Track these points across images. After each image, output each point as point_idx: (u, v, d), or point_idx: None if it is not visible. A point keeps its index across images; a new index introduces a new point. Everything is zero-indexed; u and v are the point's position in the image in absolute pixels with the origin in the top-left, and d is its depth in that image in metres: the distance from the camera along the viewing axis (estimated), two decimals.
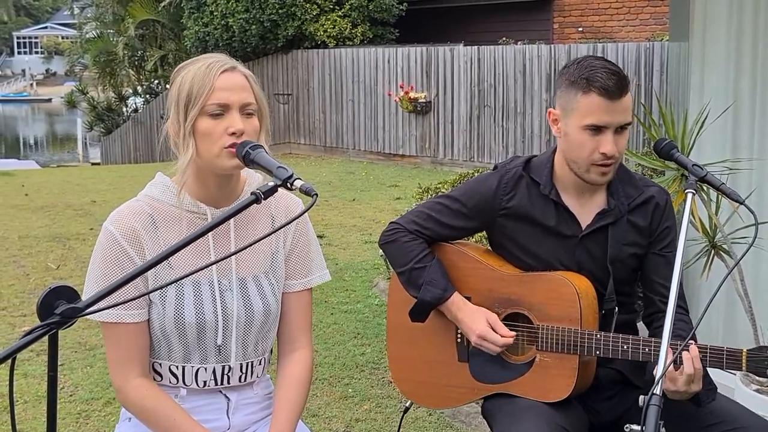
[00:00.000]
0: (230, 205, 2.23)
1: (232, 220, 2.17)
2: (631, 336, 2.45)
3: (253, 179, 2.31)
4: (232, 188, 2.26)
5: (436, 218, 2.70)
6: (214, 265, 2.22)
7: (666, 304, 2.11)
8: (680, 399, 2.34)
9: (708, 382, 2.41)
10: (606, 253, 2.58)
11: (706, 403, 2.41)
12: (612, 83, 2.41)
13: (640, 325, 2.74)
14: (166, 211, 2.22)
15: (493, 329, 2.58)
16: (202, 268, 1.75)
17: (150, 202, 2.23)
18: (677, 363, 2.29)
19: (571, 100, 2.47)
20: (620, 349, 2.44)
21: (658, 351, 2.36)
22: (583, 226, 2.59)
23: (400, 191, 12.01)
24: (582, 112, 2.44)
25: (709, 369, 2.39)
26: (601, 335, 2.47)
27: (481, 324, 2.58)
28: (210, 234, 2.14)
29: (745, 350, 2.32)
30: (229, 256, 1.78)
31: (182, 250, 1.73)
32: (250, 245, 1.77)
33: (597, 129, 2.44)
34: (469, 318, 2.60)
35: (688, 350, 2.30)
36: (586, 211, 2.60)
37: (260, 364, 2.35)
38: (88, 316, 1.72)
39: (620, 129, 2.46)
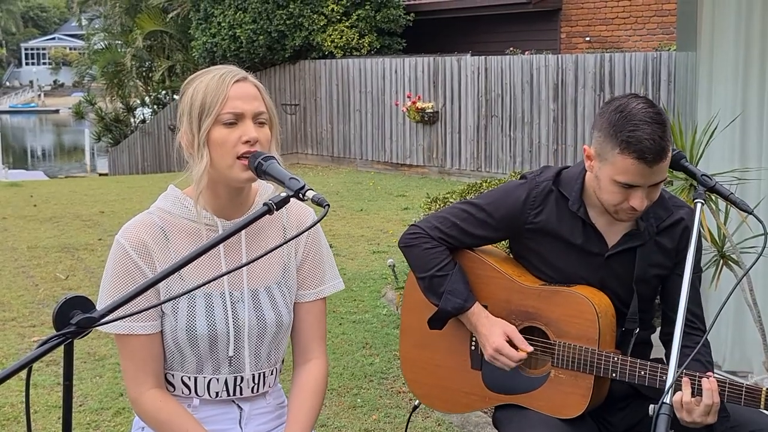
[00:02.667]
0: (241, 217, 2.24)
1: (243, 231, 2.18)
2: (649, 362, 2.44)
3: (264, 189, 2.31)
4: (244, 199, 2.27)
5: (460, 226, 2.66)
6: (226, 277, 2.23)
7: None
8: (693, 428, 2.33)
9: (722, 409, 2.38)
10: (631, 272, 2.55)
11: (718, 429, 2.38)
12: (652, 152, 2.30)
13: (654, 338, 2.73)
14: (178, 223, 2.23)
15: (510, 342, 2.56)
16: (213, 280, 1.76)
17: (161, 214, 2.24)
18: (695, 393, 2.30)
19: (607, 151, 2.38)
20: (637, 374, 2.43)
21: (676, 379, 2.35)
22: (610, 245, 2.56)
23: (407, 201, 12.01)
24: (616, 169, 2.36)
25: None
26: (618, 358, 2.45)
27: (498, 337, 2.56)
28: (221, 245, 2.15)
29: (764, 389, 2.30)
30: (241, 267, 1.79)
31: (194, 262, 1.74)
32: (262, 256, 1.78)
33: (629, 186, 2.38)
34: (488, 330, 2.58)
35: (708, 380, 2.30)
36: (613, 230, 2.56)
37: (272, 374, 2.36)
38: (100, 329, 1.74)
39: (654, 185, 2.40)
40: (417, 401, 2.93)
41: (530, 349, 2.56)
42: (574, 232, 2.56)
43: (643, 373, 2.42)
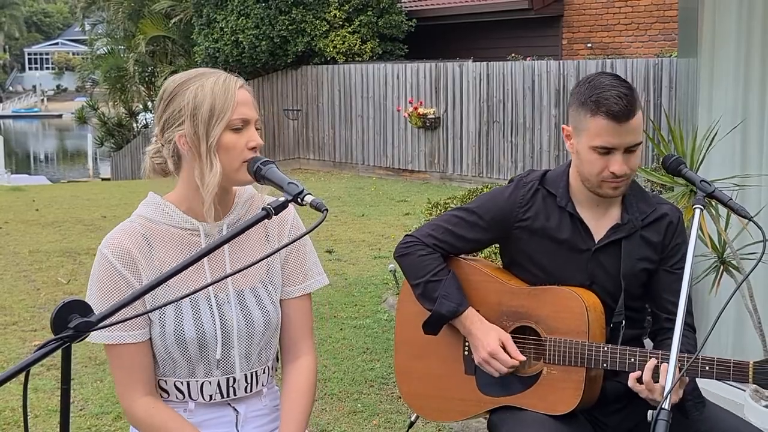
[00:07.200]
0: (222, 218, 2.24)
1: (224, 230, 2.21)
2: (638, 349, 2.47)
3: (243, 189, 2.32)
4: (227, 201, 2.28)
5: (452, 231, 2.72)
6: (210, 280, 2.23)
7: (673, 321, 2.13)
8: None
9: (696, 396, 2.46)
10: (618, 266, 2.60)
11: (693, 415, 2.44)
12: (619, 107, 2.42)
13: (647, 341, 2.76)
14: (160, 230, 2.24)
15: (504, 349, 2.59)
16: (200, 289, 1.79)
17: (143, 222, 2.25)
18: (657, 376, 2.35)
19: (580, 121, 2.50)
20: (627, 361, 2.46)
21: (666, 362, 2.38)
22: (596, 240, 2.61)
23: (409, 207, 12.02)
24: (591, 133, 2.47)
25: (718, 384, 2.40)
26: (608, 348, 2.49)
27: (493, 342, 2.59)
28: (204, 247, 2.15)
29: (752, 362, 2.33)
30: (227, 277, 1.82)
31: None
32: (251, 266, 1.81)
33: (606, 150, 2.46)
34: (482, 334, 2.62)
35: (688, 364, 2.33)
36: (600, 224, 2.62)
37: (264, 372, 2.37)
38: (90, 340, 1.75)
39: (631, 148, 2.48)
40: (414, 415, 2.93)
41: (522, 358, 2.60)
42: (562, 227, 2.62)
43: (633, 360, 2.45)
